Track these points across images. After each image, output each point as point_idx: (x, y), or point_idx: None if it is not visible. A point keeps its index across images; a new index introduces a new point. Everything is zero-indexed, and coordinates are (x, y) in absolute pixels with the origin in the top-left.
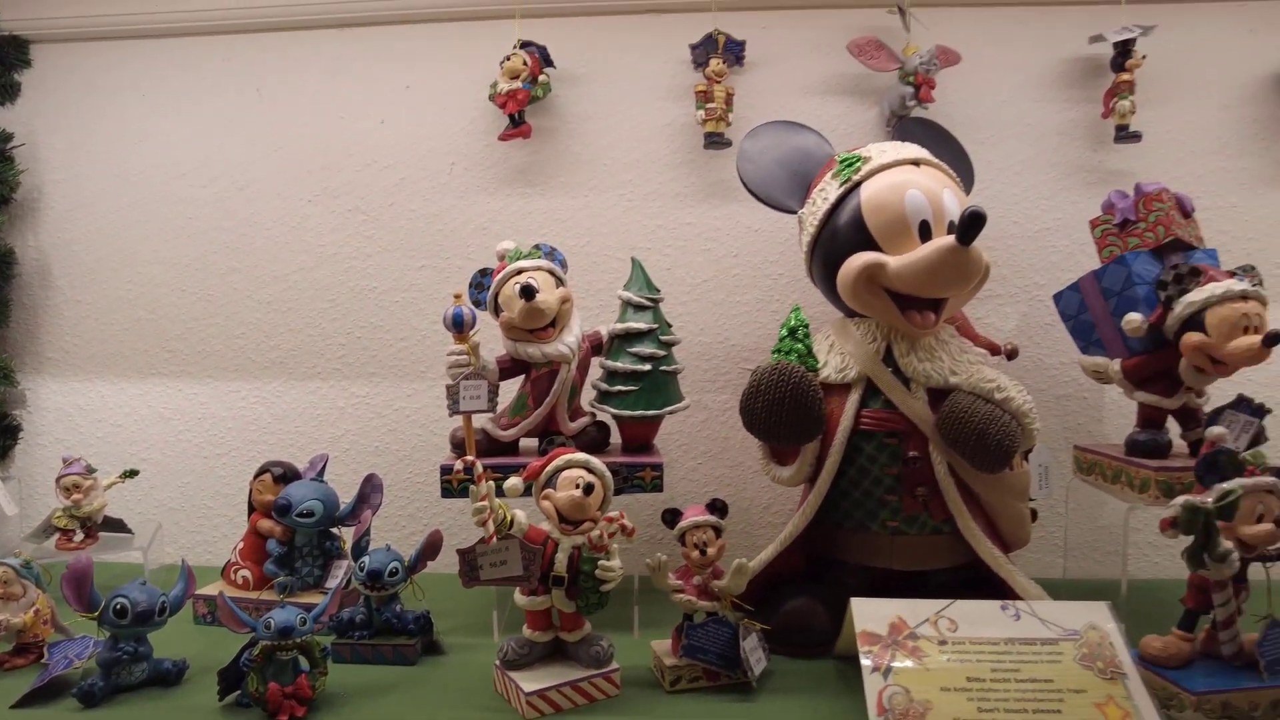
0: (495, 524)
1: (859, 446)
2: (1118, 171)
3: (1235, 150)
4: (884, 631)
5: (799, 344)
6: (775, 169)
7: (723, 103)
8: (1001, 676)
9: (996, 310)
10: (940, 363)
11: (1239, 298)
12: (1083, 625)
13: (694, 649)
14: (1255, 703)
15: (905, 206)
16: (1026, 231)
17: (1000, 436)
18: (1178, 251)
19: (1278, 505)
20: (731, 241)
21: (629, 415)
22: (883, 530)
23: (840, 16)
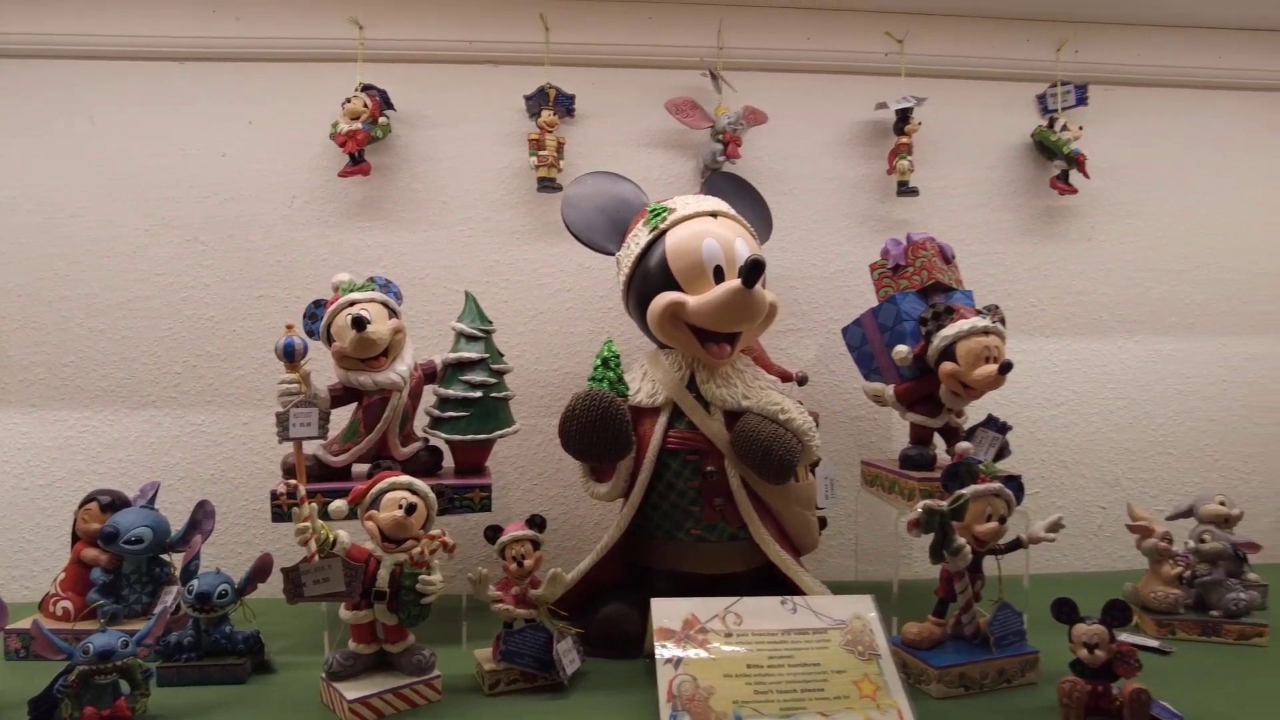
0: (318, 543)
1: (666, 463)
2: (900, 221)
3: (997, 205)
4: (678, 627)
5: (610, 372)
6: (595, 215)
7: (554, 150)
8: (777, 662)
9: (798, 342)
10: (735, 388)
11: (982, 332)
12: (849, 615)
13: (511, 654)
14: (986, 672)
15: (702, 253)
16: (823, 273)
17: (782, 453)
18: (939, 292)
19: (1004, 507)
20: (565, 277)
21: (460, 439)
22: (687, 538)
23: (663, 76)
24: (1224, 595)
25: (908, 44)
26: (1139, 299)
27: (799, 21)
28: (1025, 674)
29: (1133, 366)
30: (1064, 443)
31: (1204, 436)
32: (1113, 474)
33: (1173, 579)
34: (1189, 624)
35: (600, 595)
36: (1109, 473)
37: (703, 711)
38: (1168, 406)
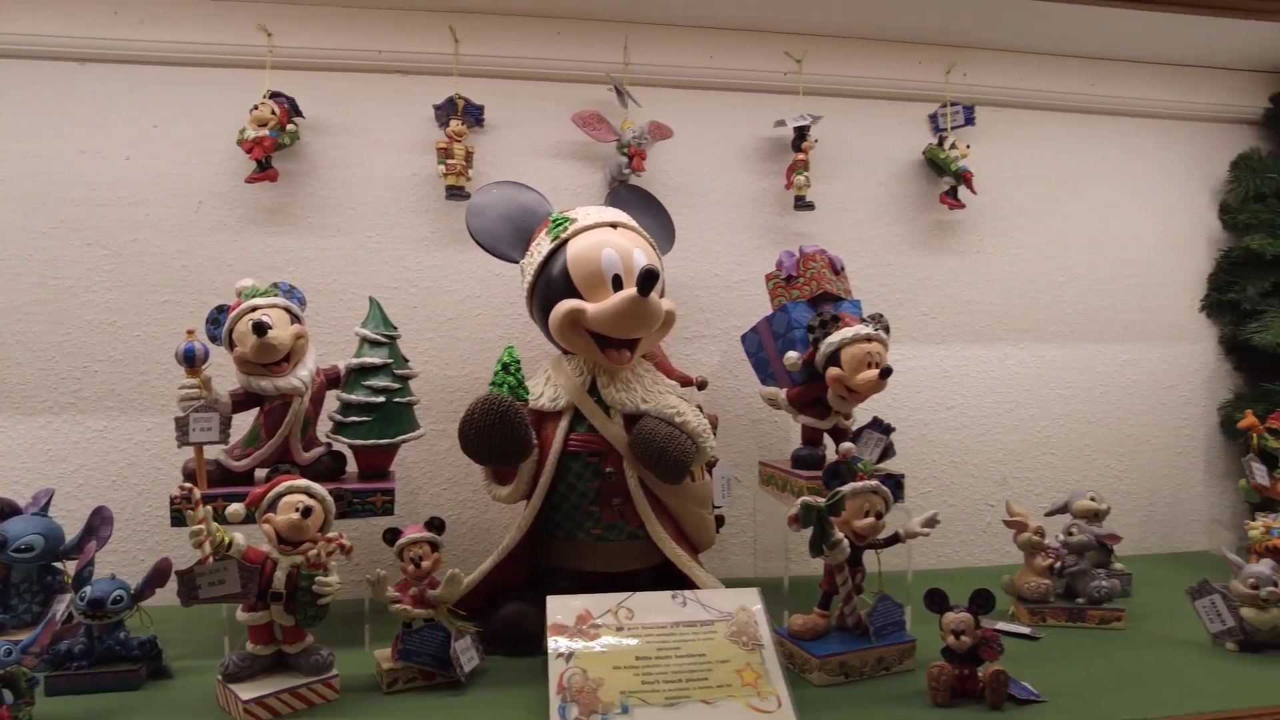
0: (212, 546)
1: (568, 466)
2: (799, 233)
3: (890, 219)
4: (571, 622)
5: (510, 377)
6: (500, 223)
7: (462, 159)
8: (665, 654)
9: (702, 348)
10: (634, 392)
11: (864, 339)
12: (735, 608)
13: (408, 652)
14: (865, 660)
15: (601, 263)
16: (726, 282)
17: (677, 454)
18: (828, 301)
19: (882, 504)
20: (474, 283)
21: (362, 444)
22: (588, 538)
23: (572, 90)
24: (1089, 584)
25: (806, 64)
26: (1023, 309)
27: (702, 40)
28: (903, 661)
29: (1018, 372)
30: (954, 444)
31: (1083, 438)
32: (1000, 473)
33: (1044, 570)
34: (1057, 611)
35: (503, 595)
36: (997, 472)
37: (591, 702)
38: (1050, 410)
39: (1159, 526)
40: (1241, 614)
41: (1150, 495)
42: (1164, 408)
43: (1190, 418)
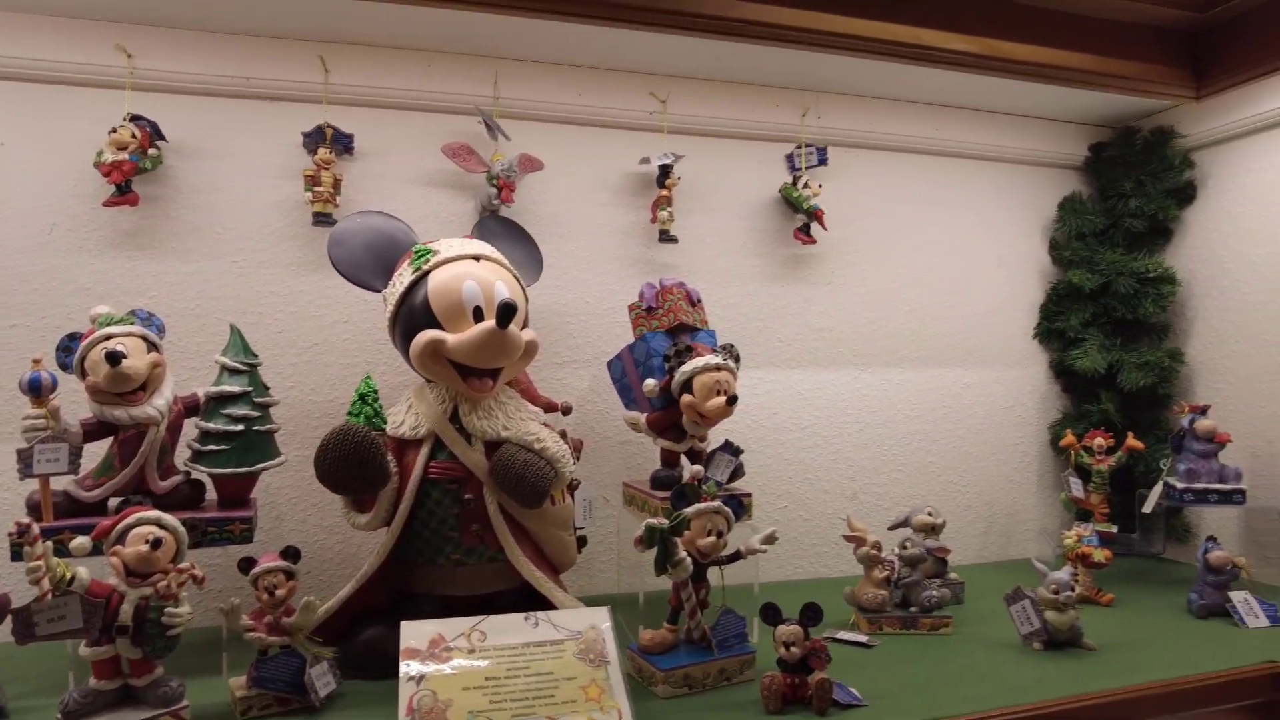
0: (52, 581)
1: (428, 493)
2: (665, 264)
3: (749, 252)
4: (424, 646)
5: (367, 407)
6: (363, 252)
7: (330, 187)
8: (514, 673)
9: (573, 373)
10: (496, 420)
11: (714, 369)
12: (585, 626)
13: (262, 679)
14: (708, 672)
15: (462, 294)
16: (596, 310)
17: (535, 479)
18: (685, 332)
19: (723, 522)
20: (342, 309)
21: (221, 472)
22: (448, 562)
23: (444, 121)
24: (921, 593)
25: (670, 104)
26: (872, 335)
27: (571, 78)
28: (744, 671)
29: (867, 395)
30: (809, 462)
31: (927, 455)
32: (851, 489)
33: (881, 581)
34: (893, 619)
35: (365, 620)
36: (848, 488)
37: None
38: (897, 429)
39: (997, 536)
40: (1045, 616)
41: (989, 508)
42: (1001, 427)
43: (1024, 436)
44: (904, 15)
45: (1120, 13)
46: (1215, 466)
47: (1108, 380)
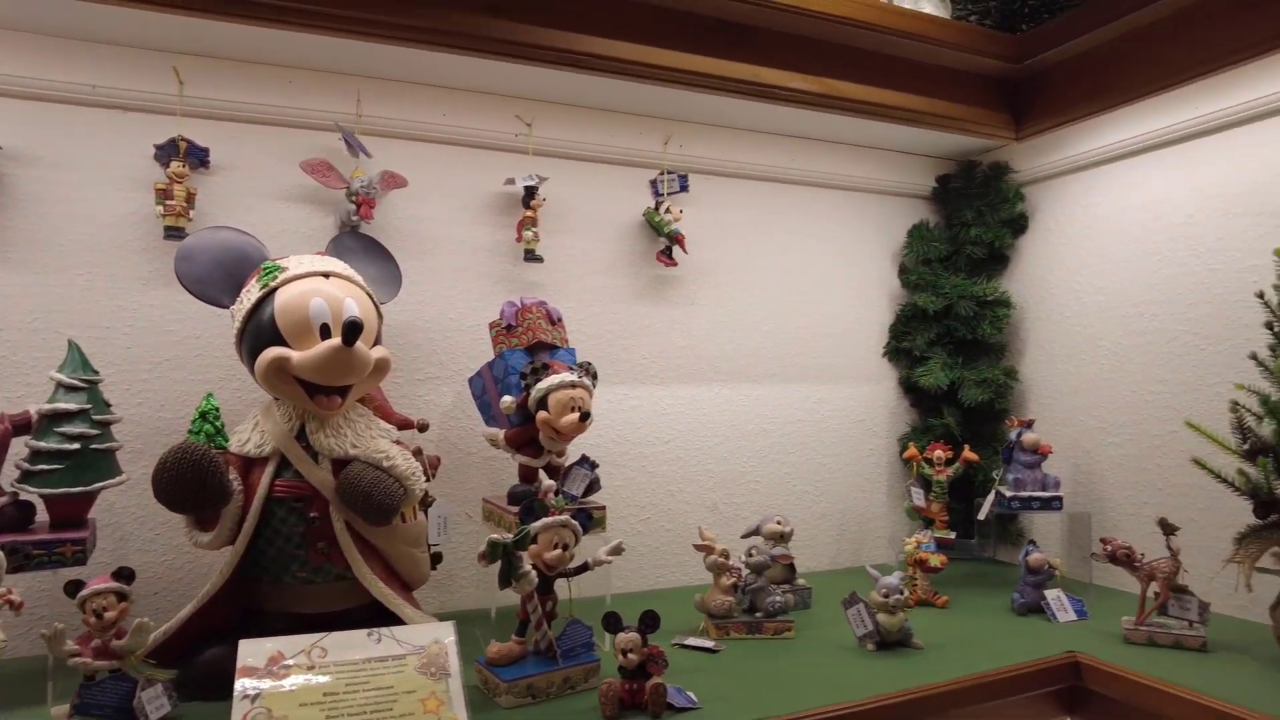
0: None
1: (273, 511)
2: (531, 283)
3: (615, 272)
4: (262, 664)
5: (208, 425)
6: (212, 268)
7: (183, 200)
8: (353, 689)
9: (436, 390)
10: (344, 438)
11: (569, 386)
12: (429, 641)
13: (86, 706)
14: (552, 681)
15: (309, 311)
16: (461, 326)
17: (382, 497)
18: (544, 349)
19: (570, 536)
20: (195, 324)
21: (53, 493)
22: (294, 581)
23: (305, 136)
24: (766, 599)
25: (536, 127)
26: (732, 353)
27: (436, 98)
28: (588, 680)
29: (727, 410)
30: (671, 474)
31: (783, 467)
32: (711, 500)
33: (728, 588)
34: (739, 625)
35: (210, 640)
36: (709, 499)
37: None
38: (755, 443)
39: (850, 543)
40: (877, 619)
41: (842, 516)
42: (853, 439)
43: (875, 448)
44: (743, 54)
45: (948, 60)
46: (1039, 476)
47: (950, 396)
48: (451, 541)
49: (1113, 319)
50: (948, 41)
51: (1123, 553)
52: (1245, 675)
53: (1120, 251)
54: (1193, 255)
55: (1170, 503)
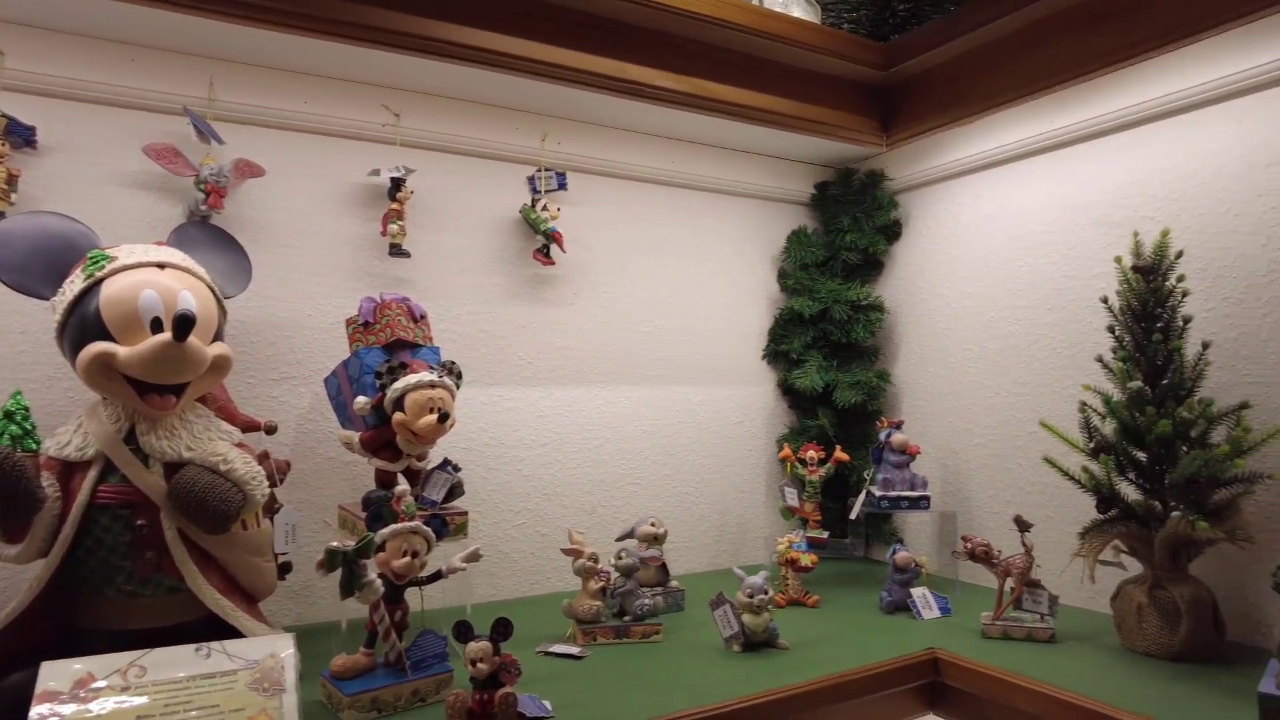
0: None
1: (95, 519)
2: (400, 279)
3: (491, 270)
4: (66, 688)
5: (14, 426)
6: (32, 257)
7: (3, 182)
8: (173, 709)
9: (292, 390)
10: (179, 440)
11: (428, 386)
12: (263, 655)
13: None
14: (400, 694)
15: (139, 304)
16: (321, 324)
17: (217, 503)
18: (405, 348)
19: (422, 542)
20: (20, 318)
21: None
22: (119, 594)
23: (154, 120)
24: (634, 602)
25: (406, 119)
26: (613, 354)
27: (296, 85)
28: (440, 692)
29: (607, 411)
30: (548, 478)
31: (664, 468)
32: (589, 503)
33: (596, 593)
34: (606, 630)
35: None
36: (586, 502)
37: None
38: (636, 444)
39: (729, 544)
40: (743, 620)
41: (721, 517)
42: (733, 440)
43: (754, 449)
44: (611, 50)
45: (817, 65)
46: (908, 476)
47: (825, 398)
48: (305, 551)
49: (978, 323)
50: (817, 46)
51: (981, 550)
52: (1088, 664)
53: (985, 258)
54: (1049, 263)
55: (1029, 500)
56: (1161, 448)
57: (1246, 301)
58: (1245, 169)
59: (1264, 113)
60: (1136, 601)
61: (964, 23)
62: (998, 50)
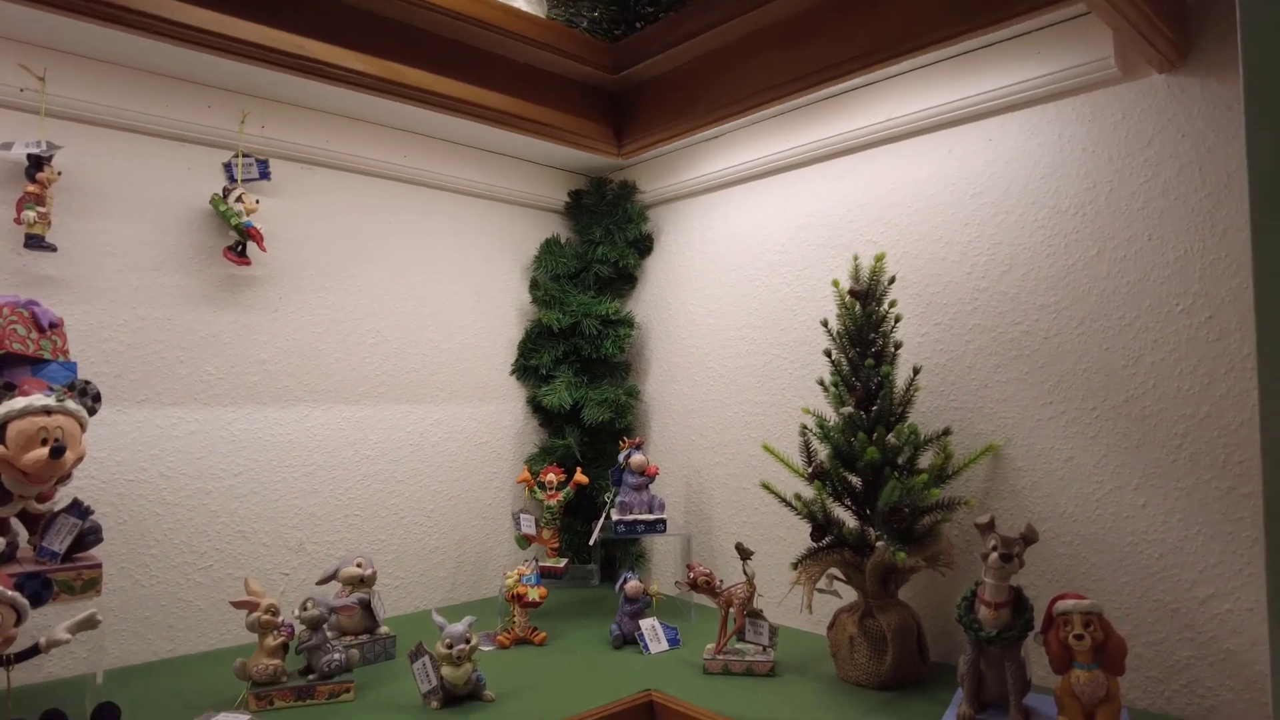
0: None
1: None
2: (46, 277)
3: (174, 269)
4: None
5: None
6: None
7: None
8: None
9: None
10: None
11: (38, 413)
12: None
13: None
14: None
15: None
16: None
17: None
18: (19, 365)
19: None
20: None
21: None
22: None
23: None
24: (322, 658)
25: (56, 84)
26: (327, 369)
27: None
28: None
29: (318, 434)
30: (243, 512)
31: (390, 496)
32: (297, 539)
33: (276, 650)
34: (285, 692)
35: None
36: (293, 538)
37: None
38: (355, 470)
39: (468, 576)
40: (442, 673)
41: (458, 547)
42: (475, 463)
43: (499, 471)
44: (287, 22)
45: (541, 61)
46: (646, 498)
47: (574, 415)
48: None
49: (720, 341)
50: (538, 41)
51: (703, 579)
52: (800, 700)
53: (727, 276)
54: (784, 282)
55: (763, 522)
56: (872, 474)
57: (954, 328)
58: (955, 198)
59: (972, 143)
60: (849, 632)
61: (686, 27)
62: (720, 59)
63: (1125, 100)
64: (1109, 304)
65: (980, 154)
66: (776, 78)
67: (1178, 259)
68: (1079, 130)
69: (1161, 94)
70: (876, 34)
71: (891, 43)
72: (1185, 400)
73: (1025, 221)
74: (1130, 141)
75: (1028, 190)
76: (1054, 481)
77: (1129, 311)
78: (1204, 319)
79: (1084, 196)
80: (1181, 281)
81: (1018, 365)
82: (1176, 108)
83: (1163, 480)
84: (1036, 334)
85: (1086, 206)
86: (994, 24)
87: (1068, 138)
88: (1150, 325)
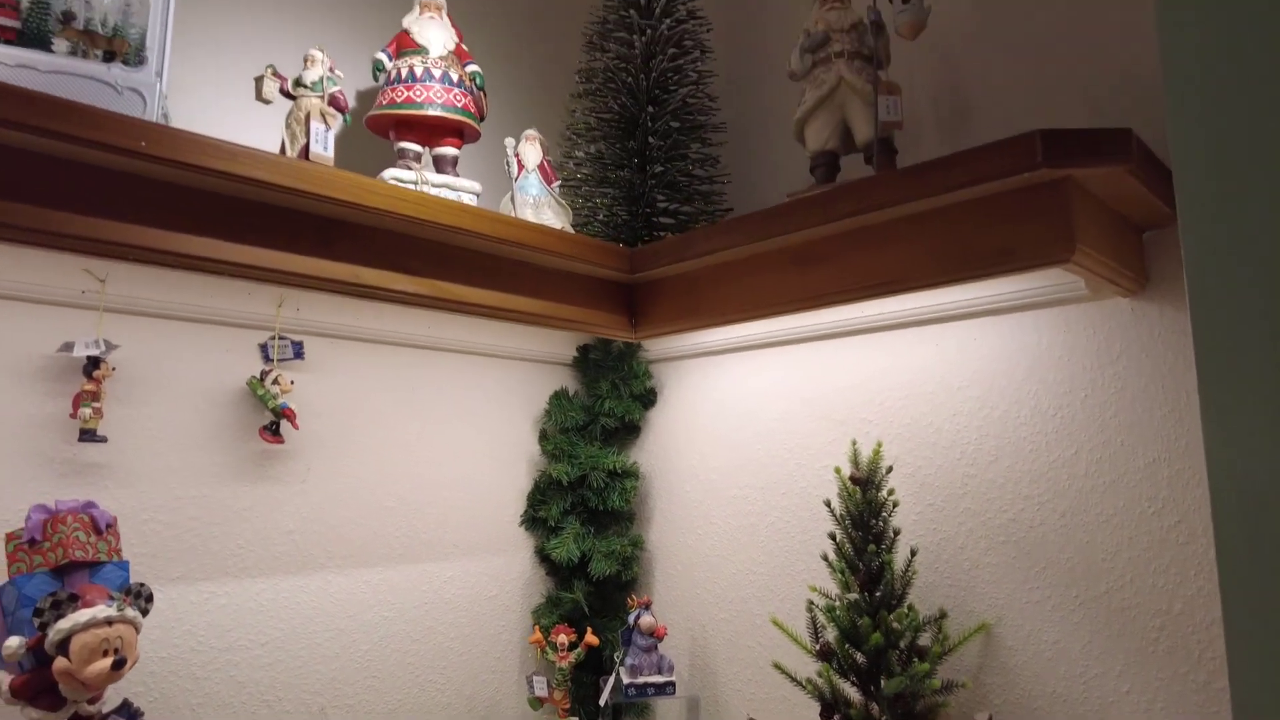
0: None
1: None
2: (90, 464)
3: (211, 448)
4: None
5: None
6: None
7: None
8: None
9: None
10: None
11: (102, 624)
12: None
13: None
14: None
15: None
16: None
17: None
18: (79, 570)
19: None
20: None
21: None
22: None
23: None
24: None
25: (115, 285)
26: (348, 535)
27: None
28: None
29: (340, 599)
30: (268, 682)
31: (407, 656)
32: (319, 704)
33: None
34: None
35: None
36: (315, 703)
37: None
38: (373, 633)
39: None
40: None
41: (468, 703)
42: (484, 617)
43: (508, 624)
44: (341, 253)
45: (568, 267)
46: (655, 659)
47: (582, 568)
48: None
49: (723, 499)
50: (563, 253)
51: None
52: None
53: (729, 435)
54: (784, 449)
55: (769, 681)
56: (875, 654)
57: (947, 509)
58: (941, 389)
59: (955, 339)
60: None
61: (698, 246)
62: (729, 271)
63: (1095, 317)
64: (1088, 500)
65: (965, 351)
66: (782, 296)
67: (1147, 465)
68: (1055, 339)
69: (1126, 316)
70: (880, 270)
71: (890, 282)
72: (1160, 596)
73: (1009, 418)
74: (1101, 354)
75: (1009, 389)
76: (1042, 662)
77: (1106, 509)
78: (1173, 522)
79: (1062, 400)
80: (1152, 486)
81: (1006, 550)
82: (1140, 328)
83: (1143, 669)
84: (1022, 522)
85: (1064, 410)
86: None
87: (1045, 345)
88: (1126, 523)
